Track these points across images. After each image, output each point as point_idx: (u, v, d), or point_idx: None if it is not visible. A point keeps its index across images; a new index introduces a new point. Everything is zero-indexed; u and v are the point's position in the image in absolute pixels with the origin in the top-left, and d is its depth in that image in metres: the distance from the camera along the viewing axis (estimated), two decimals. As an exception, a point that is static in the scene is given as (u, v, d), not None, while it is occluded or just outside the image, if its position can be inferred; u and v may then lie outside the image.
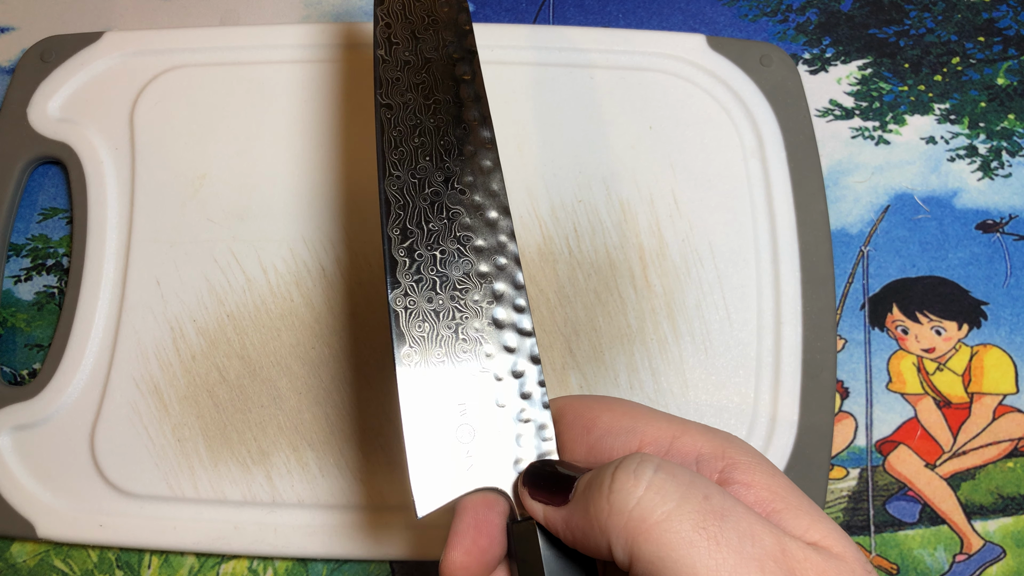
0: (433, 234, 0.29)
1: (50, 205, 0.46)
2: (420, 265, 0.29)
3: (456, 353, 0.28)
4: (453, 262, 0.29)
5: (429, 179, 0.30)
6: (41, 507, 0.40)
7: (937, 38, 0.47)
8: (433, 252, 0.29)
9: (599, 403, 0.28)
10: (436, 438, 0.27)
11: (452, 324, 0.28)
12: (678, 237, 0.43)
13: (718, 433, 0.26)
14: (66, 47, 0.46)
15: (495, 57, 0.45)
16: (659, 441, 0.26)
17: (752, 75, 0.45)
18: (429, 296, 0.29)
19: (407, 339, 0.28)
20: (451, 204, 0.29)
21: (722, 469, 0.25)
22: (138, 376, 0.41)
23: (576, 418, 0.28)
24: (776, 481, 0.25)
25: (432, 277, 0.29)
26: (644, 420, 0.27)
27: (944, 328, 0.43)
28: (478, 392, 0.28)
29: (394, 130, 0.30)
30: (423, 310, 0.28)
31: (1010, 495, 0.41)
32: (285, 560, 0.41)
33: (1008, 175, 0.45)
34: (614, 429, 0.27)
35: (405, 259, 0.29)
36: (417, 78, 0.31)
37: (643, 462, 0.23)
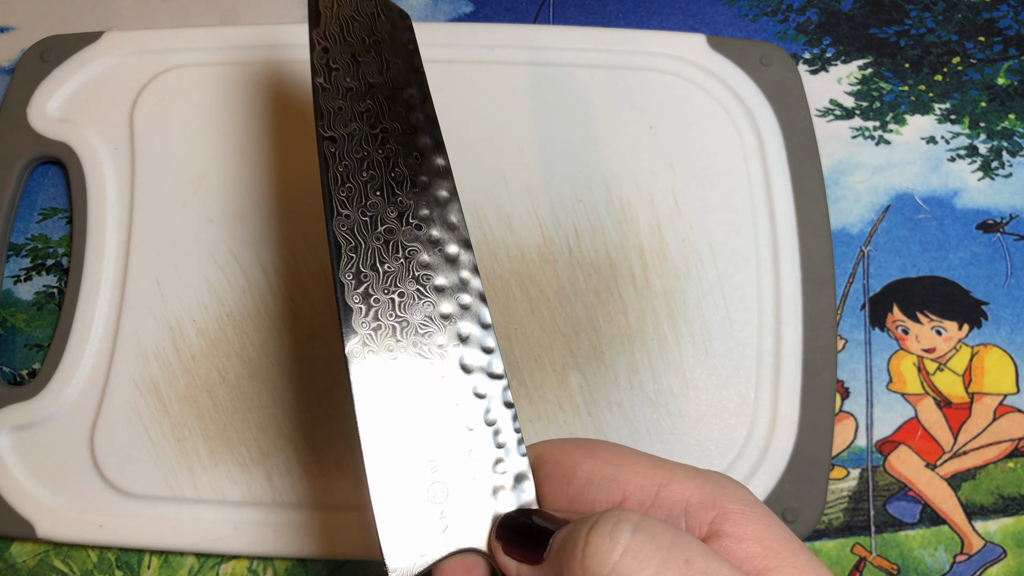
0: (390, 276, 0.27)
1: (50, 205, 0.46)
2: (378, 311, 0.27)
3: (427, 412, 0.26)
4: (413, 305, 0.27)
5: (381, 216, 0.27)
6: (41, 507, 0.40)
7: (937, 38, 0.47)
8: (391, 295, 0.27)
9: (580, 449, 0.26)
10: (406, 501, 0.26)
11: (419, 374, 0.27)
12: (678, 237, 0.42)
13: (709, 478, 0.25)
14: (66, 47, 0.46)
15: (495, 57, 0.45)
16: (644, 490, 0.25)
17: (752, 75, 0.45)
18: (389, 345, 0.26)
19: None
20: (407, 242, 0.27)
21: (712, 520, 0.23)
22: (138, 376, 0.41)
23: (555, 467, 0.26)
24: (770, 533, 0.23)
25: (391, 323, 0.27)
26: (628, 467, 0.25)
27: (944, 328, 0.43)
28: (449, 445, 0.26)
29: (340, 164, 0.28)
30: (383, 360, 0.27)
31: (1011, 495, 0.41)
32: (285, 560, 0.41)
33: (1008, 175, 0.45)
34: (596, 478, 0.25)
35: (360, 306, 0.27)
36: (361, 106, 0.28)
37: (620, 522, 0.22)
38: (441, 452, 0.26)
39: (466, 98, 0.45)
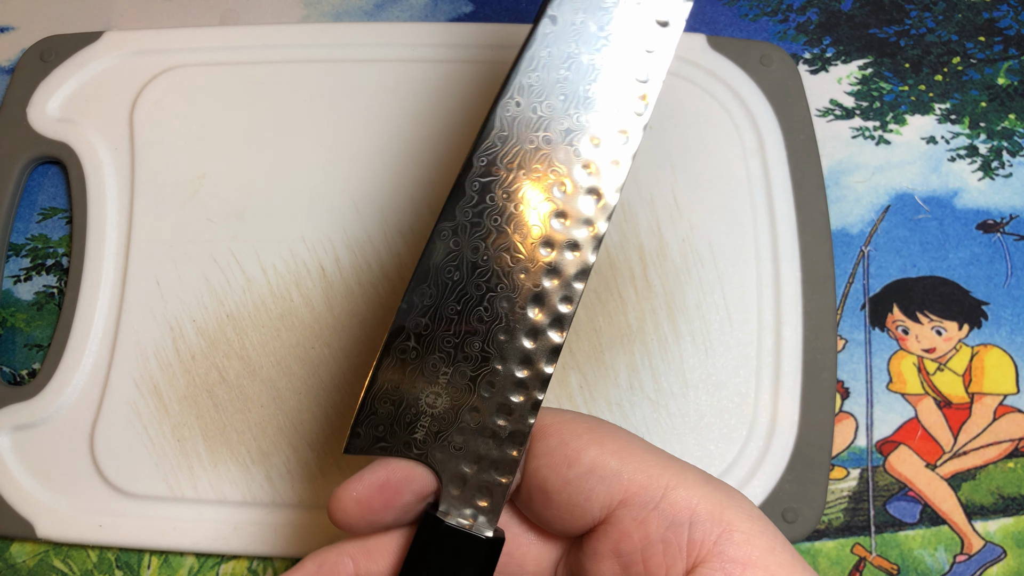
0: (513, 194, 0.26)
1: (50, 205, 0.46)
2: (483, 213, 0.26)
3: (469, 314, 0.26)
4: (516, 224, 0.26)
5: (548, 123, 0.26)
6: (40, 507, 0.40)
7: (938, 38, 0.47)
8: (511, 201, 0.25)
9: (589, 433, 0.25)
10: (398, 391, 0.26)
11: (482, 286, 0.26)
12: (678, 237, 0.42)
13: (717, 487, 0.24)
14: (66, 47, 0.46)
15: (495, 57, 0.45)
16: (648, 491, 0.23)
17: (752, 75, 0.45)
18: (475, 245, 0.26)
19: (428, 278, 0.25)
20: (559, 162, 0.26)
21: (717, 538, 0.22)
22: (138, 376, 0.41)
23: (559, 445, 0.25)
24: (775, 559, 0.22)
25: (485, 229, 0.26)
26: (634, 463, 0.24)
27: (944, 328, 0.43)
28: (467, 366, 0.26)
29: (544, 49, 0.25)
30: (463, 255, 0.26)
31: (1011, 495, 0.41)
32: (285, 560, 0.41)
33: (1009, 175, 0.45)
34: (599, 469, 0.24)
35: (473, 195, 0.26)
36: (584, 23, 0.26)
37: None
38: (459, 370, 0.26)
39: (466, 98, 0.45)
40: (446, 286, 0.25)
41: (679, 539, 0.23)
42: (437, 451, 0.26)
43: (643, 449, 0.24)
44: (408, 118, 0.44)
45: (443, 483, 0.26)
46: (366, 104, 0.44)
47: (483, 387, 0.26)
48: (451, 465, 0.26)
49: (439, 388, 0.26)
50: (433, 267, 0.25)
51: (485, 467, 0.26)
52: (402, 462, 0.25)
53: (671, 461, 0.24)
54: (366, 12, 0.49)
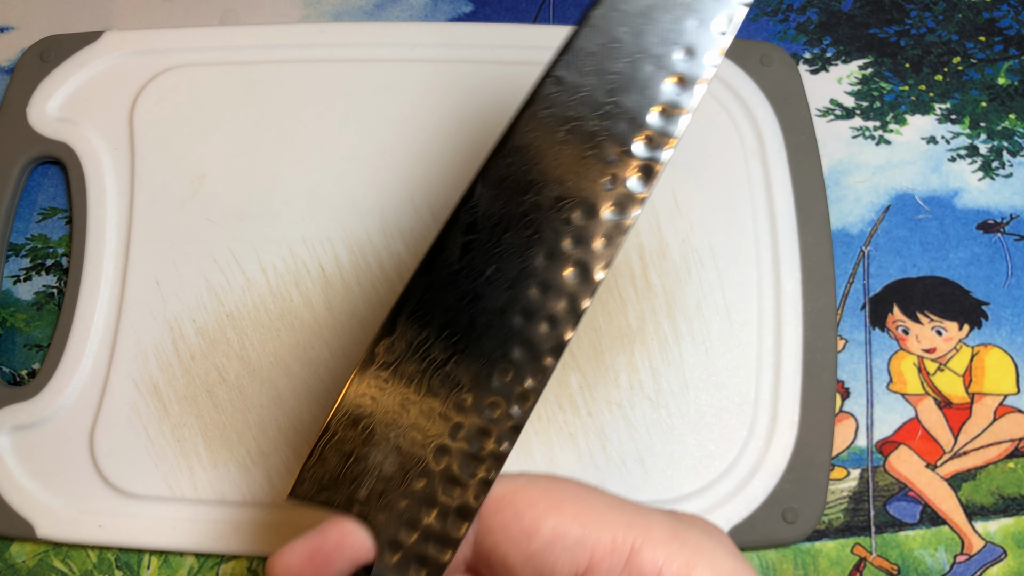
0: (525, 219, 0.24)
1: (49, 205, 0.46)
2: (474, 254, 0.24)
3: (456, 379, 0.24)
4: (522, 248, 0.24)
5: None
6: (40, 507, 0.40)
7: (938, 38, 0.47)
8: (497, 236, 0.24)
9: (544, 499, 0.23)
10: (353, 445, 0.24)
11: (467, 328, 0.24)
12: (678, 237, 0.42)
13: (686, 542, 0.22)
14: (65, 46, 0.46)
15: (495, 57, 0.45)
16: (613, 555, 0.22)
17: (752, 75, 0.45)
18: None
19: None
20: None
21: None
22: (137, 376, 0.41)
23: (515, 518, 0.23)
24: None
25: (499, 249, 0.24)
26: (596, 525, 0.22)
27: (945, 328, 0.43)
28: (421, 434, 0.24)
29: None
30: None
31: (1011, 496, 0.41)
32: (285, 560, 0.41)
33: (1009, 175, 0.45)
34: (560, 539, 0.22)
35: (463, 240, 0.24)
36: None
37: None
38: (417, 431, 0.24)
39: (466, 98, 0.45)
40: (411, 344, 0.24)
41: None
42: (379, 512, 0.24)
43: (605, 506, 0.23)
44: (408, 118, 0.44)
45: (380, 547, 0.24)
46: (366, 104, 0.44)
47: (435, 455, 0.24)
48: (391, 530, 0.24)
49: (390, 447, 0.24)
50: (401, 321, 0.24)
51: (426, 538, 0.24)
52: (338, 523, 0.24)
53: (635, 515, 0.23)
54: (366, 12, 0.49)
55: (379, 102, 0.44)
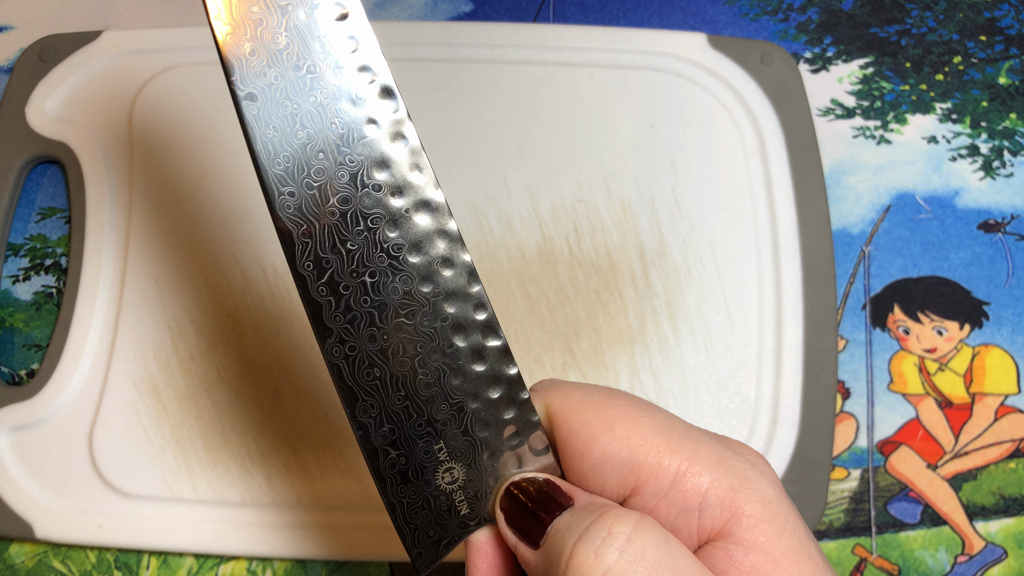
0: (355, 253, 0.23)
1: (48, 205, 0.46)
2: (350, 299, 0.23)
3: (419, 392, 0.24)
4: (389, 280, 0.23)
5: (331, 183, 0.22)
6: (39, 508, 0.40)
7: (939, 37, 0.47)
8: (361, 279, 0.23)
9: (597, 417, 0.24)
10: (419, 495, 0.24)
11: (407, 360, 0.23)
12: (679, 237, 0.42)
13: (731, 468, 0.23)
14: (64, 46, 0.46)
15: (495, 56, 0.45)
16: (661, 477, 0.23)
17: (753, 74, 0.45)
18: (370, 334, 0.23)
19: (358, 395, 0.23)
20: (368, 210, 0.23)
21: (724, 523, 0.22)
22: (137, 376, 0.41)
23: (570, 436, 0.24)
24: (781, 544, 0.22)
25: (367, 310, 0.23)
26: (644, 449, 0.23)
27: (945, 328, 0.43)
28: (454, 428, 0.24)
29: (268, 128, 0.22)
30: (367, 354, 0.23)
31: (1012, 496, 0.41)
32: (284, 561, 0.41)
33: (1010, 175, 0.45)
34: (609, 459, 0.23)
35: (330, 299, 0.23)
36: (278, 41, 0.22)
37: (609, 536, 0.21)
38: (447, 436, 0.24)
39: (466, 98, 0.45)
40: (376, 388, 0.23)
41: (689, 526, 0.23)
42: (486, 502, 0.25)
43: (654, 429, 0.23)
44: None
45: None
46: (366, 103, 0.44)
47: (477, 428, 0.24)
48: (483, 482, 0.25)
49: (446, 464, 0.24)
50: (352, 384, 0.23)
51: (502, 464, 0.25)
52: (478, 534, 0.25)
53: (683, 440, 0.23)
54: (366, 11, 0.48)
55: (379, 102, 0.44)
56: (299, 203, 0.22)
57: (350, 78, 0.23)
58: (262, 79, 0.22)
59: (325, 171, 0.22)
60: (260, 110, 0.22)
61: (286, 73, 0.22)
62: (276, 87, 0.22)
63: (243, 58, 0.22)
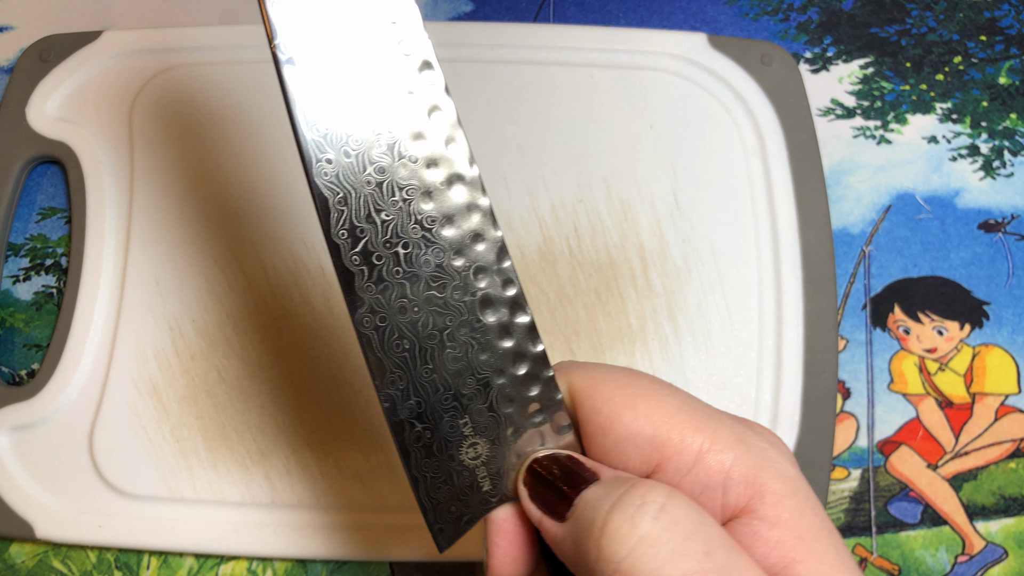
0: (389, 224, 0.23)
1: (49, 205, 0.46)
2: (382, 270, 0.23)
3: (447, 366, 0.24)
4: (422, 252, 0.23)
5: (369, 153, 0.23)
6: (40, 508, 0.40)
7: (939, 37, 0.47)
8: (394, 249, 0.23)
9: (620, 394, 0.24)
10: (443, 469, 0.24)
11: (436, 333, 0.24)
12: (679, 237, 0.42)
13: (752, 447, 0.23)
14: (65, 46, 0.46)
15: (495, 56, 0.45)
16: (682, 456, 0.23)
17: (753, 74, 0.45)
18: (401, 306, 0.23)
19: (387, 367, 0.23)
20: (402, 181, 0.23)
21: (748, 500, 0.22)
22: (137, 376, 0.41)
23: (593, 413, 0.24)
24: (804, 520, 0.22)
25: (399, 281, 0.23)
26: (667, 427, 0.23)
27: (946, 328, 0.43)
28: (479, 403, 0.24)
29: (308, 89, 0.23)
30: (397, 325, 0.23)
31: (1012, 496, 0.41)
32: (284, 561, 0.41)
33: (1010, 175, 0.45)
34: (632, 436, 0.23)
35: (363, 268, 0.23)
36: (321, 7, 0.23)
37: (644, 505, 0.21)
38: (472, 411, 0.24)
39: (466, 98, 0.45)
40: (405, 360, 0.24)
41: (713, 502, 0.23)
42: (509, 478, 0.25)
43: (675, 408, 0.24)
44: (408, 117, 0.44)
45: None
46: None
47: (502, 404, 0.25)
48: (505, 458, 0.25)
49: (470, 439, 0.25)
50: (381, 356, 0.24)
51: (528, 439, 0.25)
52: (498, 511, 0.25)
53: (705, 419, 0.24)
54: (366, 11, 0.48)
55: (379, 102, 0.44)
56: (336, 171, 0.23)
57: (390, 50, 0.23)
58: (303, 45, 0.23)
59: (363, 140, 0.23)
60: (300, 75, 0.23)
61: (328, 41, 0.23)
62: (317, 55, 0.23)
63: (286, 23, 0.23)
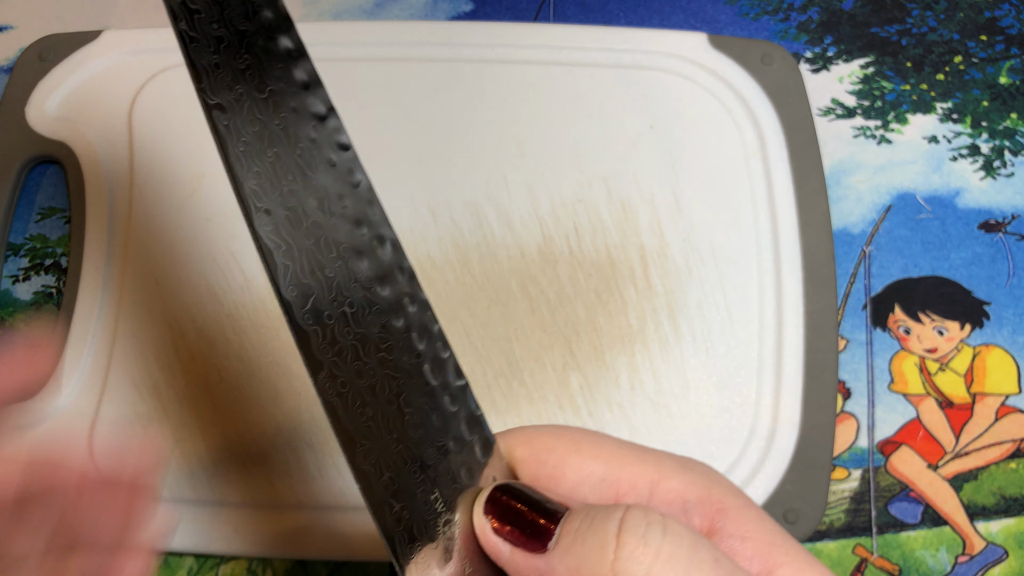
0: (332, 281, 0.22)
1: (48, 204, 0.46)
2: (334, 329, 0.22)
3: (408, 433, 0.23)
4: (366, 313, 0.22)
5: (303, 207, 0.22)
6: (39, 508, 0.40)
7: (939, 37, 0.47)
8: (341, 308, 0.22)
9: (562, 442, 0.23)
10: (428, 557, 0.23)
11: (393, 398, 0.22)
12: (679, 236, 0.42)
13: (694, 468, 0.23)
14: (64, 46, 0.46)
15: (495, 56, 0.45)
16: (638, 488, 0.23)
17: (754, 74, 0.45)
18: (357, 369, 0.22)
19: (356, 438, 0.22)
20: (338, 238, 0.22)
21: (712, 517, 0.22)
22: (137, 376, 0.41)
23: (539, 466, 0.23)
24: (767, 527, 0.22)
25: (351, 343, 0.22)
26: (616, 463, 0.23)
27: (946, 328, 0.43)
28: (444, 474, 0.23)
29: (240, 143, 0.22)
30: (358, 391, 0.22)
31: (1012, 496, 0.41)
32: (284, 561, 0.41)
33: (1011, 175, 0.45)
34: (586, 477, 0.23)
35: (316, 328, 0.21)
36: (240, 61, 0.22)
37: (651, 524, 0.20)
38: (440, 481, 0.23)
39: (466, 97, 0.45)
40: (370, 430, 0.22)
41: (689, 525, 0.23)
42: None
43: (616, 446, 0.23)
44: (408, 117, 0.44)
45: None
46: (365, 103, 0.44)
47: (463, 473, 0.24)
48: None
49: (444, 515, 0.23)
50: (348, 426, 0.22)
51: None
52: None
53: (645, 453, 0.23)
54: (365, 11, 0.48)
55: (379, 101, 0.44)
56: (276, 222, 0.22)
57: (305, 107, 0.23)
58: (229, 94, 0.22)
59: (296, 193, 0.22)
60: (231, 122, 0.22)
61: (251, 92, 0.22)
62: (243, 103, 0.22)
63: (210, 70, 0.22)
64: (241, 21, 0.23)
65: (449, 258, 0.42)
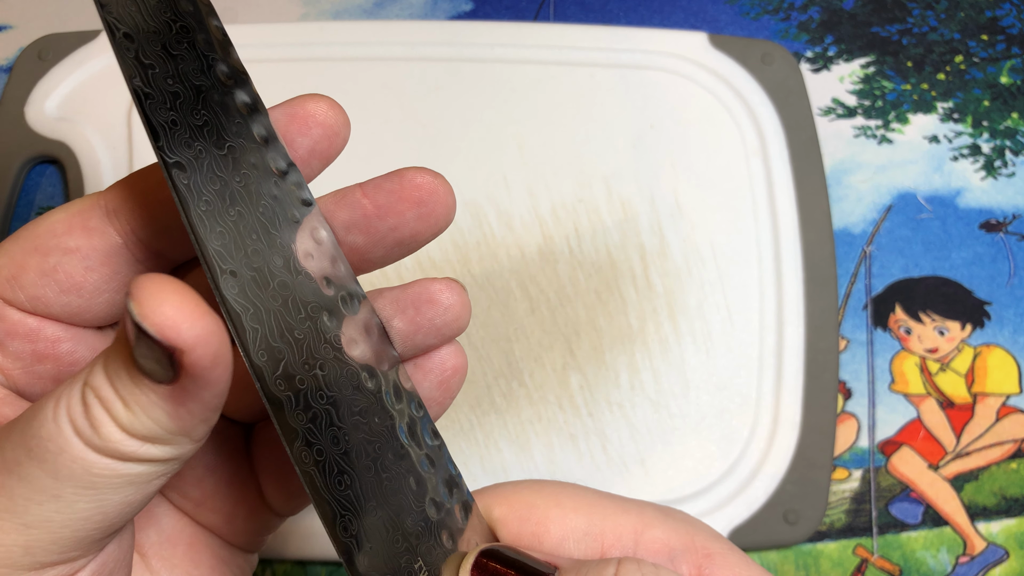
0: (302, 343, 0.21)
1: (47, 204, 0.46)
2: (307, 394, 0.21)
3: (388, 500, 0.22)
4: (338, 374, 0.21)
5: (269, 267, 0.21)
6: (39, 508, 0.40)
7: (940, 36, 0.47)
8: (313, 371, 0.21)
9: (542, 498, 0.23)
10: None
11: (369, 464, 0.21)
12: (679, 236, 0.42)
13: (675, 518, 0.23)
14: (64, 45, 0.46)
15: (495, 55, 0.45)
16: (623, 539, 0.22)
17: (754, 73, 0.45)
18: (332, 435, 0.21)
19: (335, 509, 0.21)
20: (305, 297, 0.22)
21: (700, 563, 0.22)
22: (136, 377, 0.41)
23: (521, 524, 0.22)
24: (753, 570, 0.22)
25: (324, 407, 0.21)
26: (599, 515, 0.22)
27: (947, 328, 0.43)
28: (425, 541, 0.22)
29: (201, 203, 0.21)
30: (334, 459, 0.21)
31: (1013, 496, 0.41)
32: (284, 562, 0.41)
33: (1012, 174, 0.45)
34: (570, 532, 0.22)
35: (288, 394, 0.21)
36: (197, 117, 0.21)
37: (647, 570, 0.20)
38: (422, 549, 0.22)
39: (466, 97, 0.45)
40: (349, 499, 0.22)
41: None
42: None
43: (596, 497, 0.23)
44: (408, 117, 0.44)
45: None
46: (365, 103, 0.44)
47: (444, 538, 0.23)
48: None
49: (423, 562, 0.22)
50: (328, 497, 0.21)
51: None
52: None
53: (626, 503, 0.23)
54: (365, 10, 0.48)
55: (378, 101, 0.44)
56: (242, 284, 0.21)
57: (265, 163, 0.22)
58: (188, 151, 0.21)
59: (260, 252, 0.21)
60: (191, 181, 0.21)
61: (209, 149, 0.21)
62: (203, 160, 0.21)
63: (167, 127, 0.21)
64: (196, 75, 0.22)
65: (449, 258, 0.42)
